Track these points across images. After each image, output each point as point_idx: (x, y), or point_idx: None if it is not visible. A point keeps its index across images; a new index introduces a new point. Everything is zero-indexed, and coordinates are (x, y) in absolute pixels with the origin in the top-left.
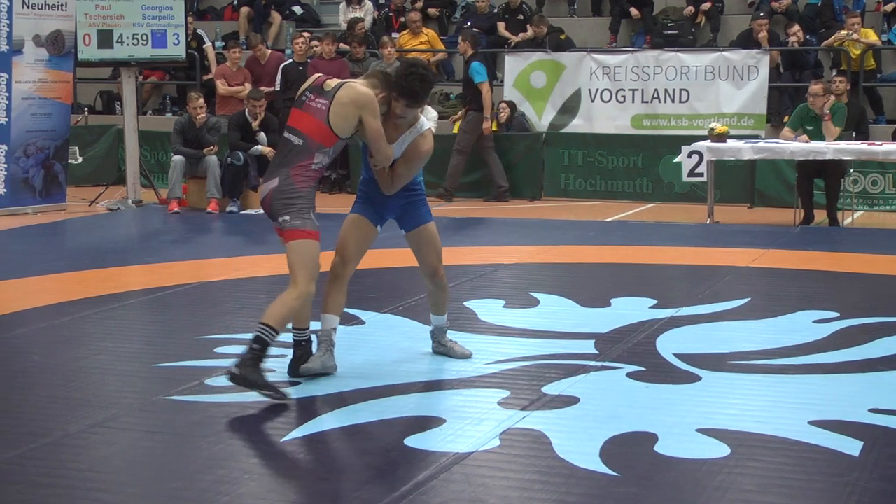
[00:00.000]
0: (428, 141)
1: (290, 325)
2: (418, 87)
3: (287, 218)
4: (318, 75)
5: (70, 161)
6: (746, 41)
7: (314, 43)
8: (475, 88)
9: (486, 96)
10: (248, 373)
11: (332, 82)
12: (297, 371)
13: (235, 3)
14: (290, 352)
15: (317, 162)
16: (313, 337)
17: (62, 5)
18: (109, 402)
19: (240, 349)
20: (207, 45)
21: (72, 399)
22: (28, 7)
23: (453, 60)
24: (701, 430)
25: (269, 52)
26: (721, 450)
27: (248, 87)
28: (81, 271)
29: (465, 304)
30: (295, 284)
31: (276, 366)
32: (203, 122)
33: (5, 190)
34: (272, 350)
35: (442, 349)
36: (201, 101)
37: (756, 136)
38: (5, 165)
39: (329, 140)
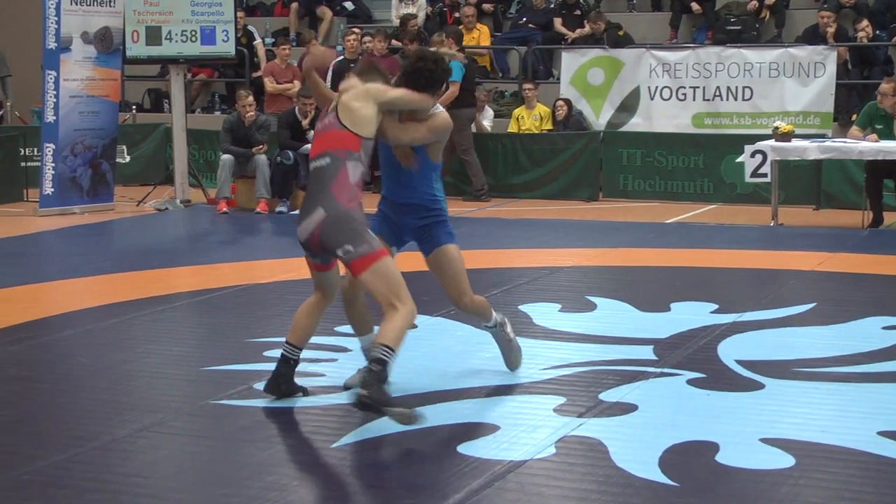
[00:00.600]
0: (443, 115)
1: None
2: (424, 83)
3: (350, 248)
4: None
5: (118, 160)
6: (813, 37)
7: (366, 39)
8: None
9: (447, 96)
10: (376, 393)
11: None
12: (273, 387)
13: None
14: (340, 356)
15: (352, 174)
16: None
17: (110, 1)
18: (157, 405)
19: None
20: (258, 41)
21: (119, 403)
22: (76, 3)
23: (508, 57)
24: (764, 440)
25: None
26: (785, 460)
27: (297, 84)
28: (129, 272)
29: (519, 307)
30: (395, 307)
31: (328, 370)
32: (252, 121)
33: (53, 189)
34: (322, 354)
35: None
36: (250, 98)
37: (822, 136)
38: (53, 165)
39: (352, 143)
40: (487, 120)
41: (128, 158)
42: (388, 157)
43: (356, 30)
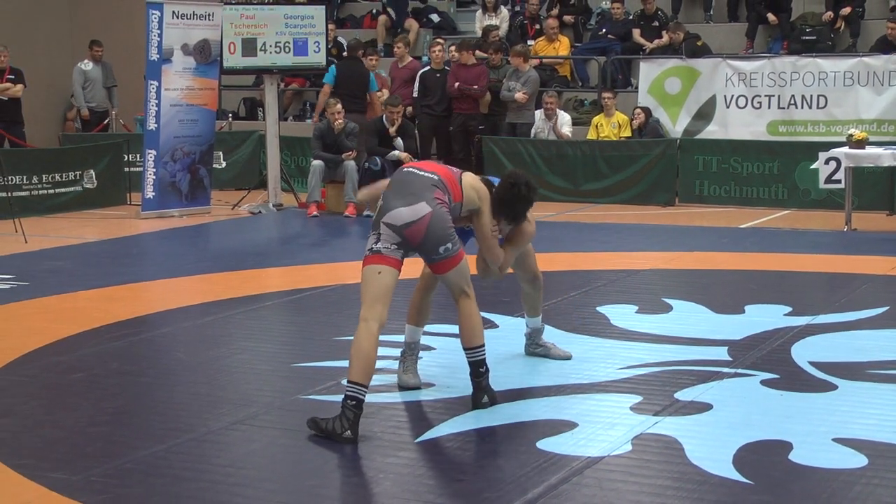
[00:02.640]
0: (531, 223)
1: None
2: (519, 210)
3: (449, 246)
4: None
5: (214, 166)
6: (886, 46)
7: (451, 48)
8: None
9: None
10: (495, 396)
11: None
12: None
13: (374, 11)
14: (424, 354)
15: (447, 200)
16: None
17: (209, 15)
18: (250, 400)
19: None
20: (346, 53)
21: (214, 396)
22: (178, 17)
23: (588, 67)
24: (837, 440)
25: (409, 57)
26: (858, 460)
27: (385, 93)
28: (224, 273)
29: (597, 309)
30: (468, 294)
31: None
32: (341, 128)
33: (154, 193)
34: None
35: (540, 350)
36: (339, 106)
37: None
38: (154, 170)
39: (457, 194)
40: (567, 127)
41: (224, 164)
42: None
43: (440, 40)
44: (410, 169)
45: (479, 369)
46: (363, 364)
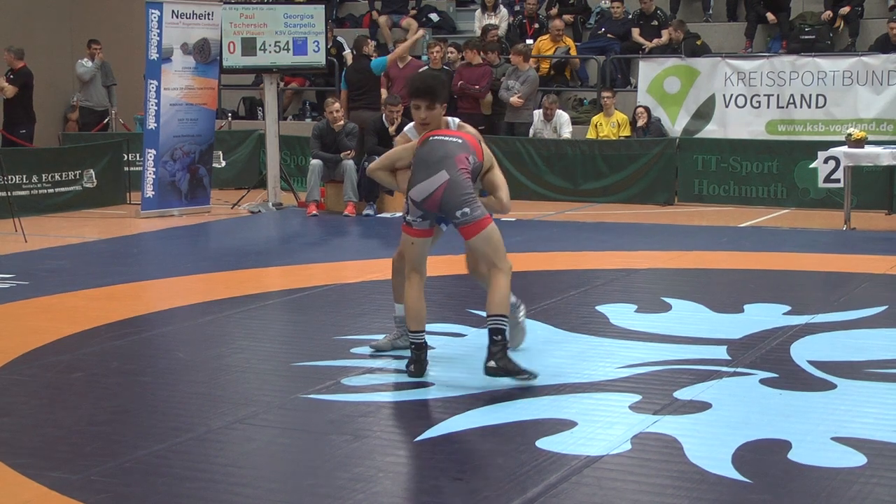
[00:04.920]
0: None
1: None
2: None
3: (467, 211)
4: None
5: (214, 165)
6: (886, 45)
7: (449, 50)
8: None
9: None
10: (505, 363)
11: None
12: (420, 370)
13: (376, 13)
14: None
15: (470, 162)
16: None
17: (209, 14)
18: (250, 399)
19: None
20: (347, 52)
21: (214, 396)
22: (177, 17)
23: (587, 66)
24: (836, 439)
25: (409, 56)
26: (857, 459)
27: (384, 92)
28: (223, 272)
29: (597, 308)
30: (499, 266)
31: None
32: (341, 127)
33: (153, 193)
34: (405, 353)
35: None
36: (337, 105)
37: (895, 142)
38: (154, 169)
39: (480, 154)
40: (566, 126)
41: (224, 163)
42: None
43: (441, 43)
44: (436, 137)
45: (493, 336)
46: (414, 315)
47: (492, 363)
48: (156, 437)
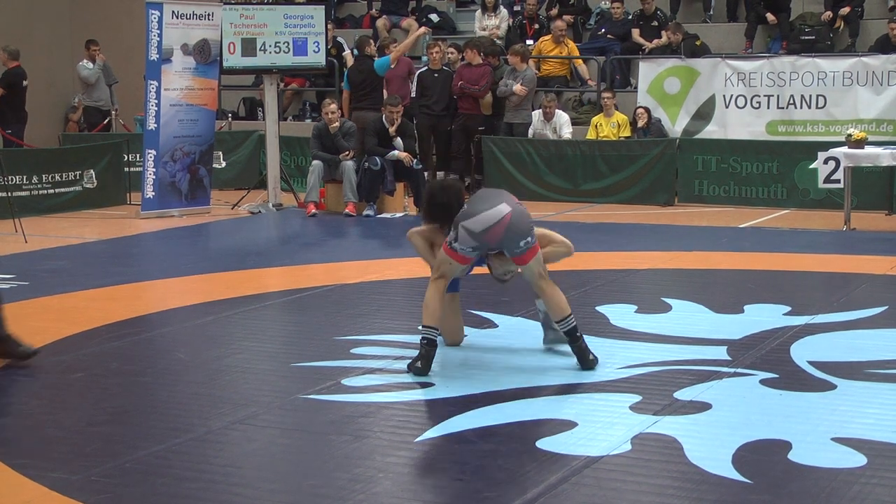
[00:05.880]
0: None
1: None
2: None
3: (530, 239)
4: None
5: (214, 165)
6: (886, 46)
7: (449, 50)
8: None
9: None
10: (588, 356)
11: None
12: (426, 368)
13: (374, 12)
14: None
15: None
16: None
17: (209, 15)
18: (249, 399)
19: (376, 350)
20: (347, 52)
21: (214, 396)
22: (177, 17)
23: (587, 66)
24: (836, 439)
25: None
26: (857, 459)
27: (385, 92)
28: (223, 272)
29: (596, 308)
30: (544, 278)
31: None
32: (336, 129)
33: (154, 193)
34: (410, 353)
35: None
36: (333, 106)
37: (895, 143)
38: (154, 170)
39: None
40: (566, 127)
41: (224, 164)
42: None
43: (440, 43)
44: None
45: (574, 335)
46: (432, 311)
47: (591, 356)
48: (156, 438)
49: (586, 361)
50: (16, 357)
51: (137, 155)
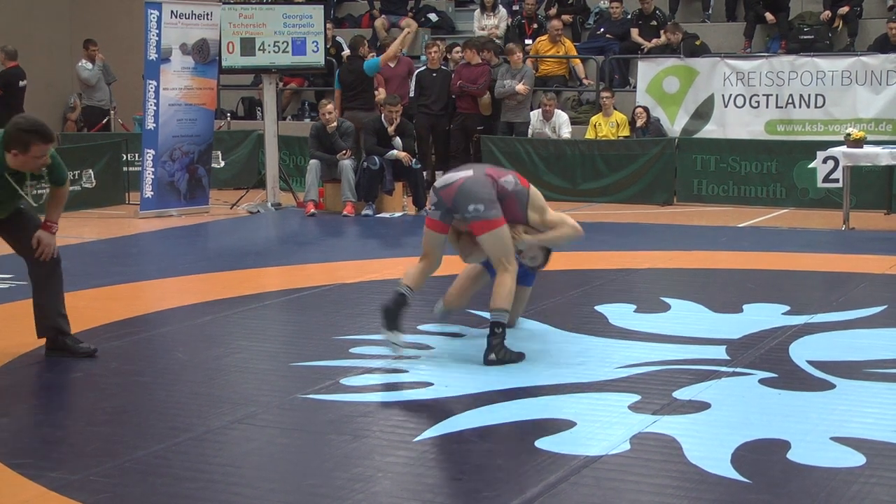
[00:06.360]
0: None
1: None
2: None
3: (480, 207)
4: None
5: (213, 165)
6: (885, 45)
7: (455, 49)
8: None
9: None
10: (503, 355)
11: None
12: (392, 322)
13: (375, 11)
14: (423, 353)
15: (506, 182)
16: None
17: (208, 15)
18: (249, 399)
19: (374, 349)
20: (346, 51)
21: (213, 396)
22: (176, 17)
23: (586, 67)
24: (835, 439)
25: (400, 55)
26: (856, 459)
27: (382, 91)
28: (222, 272)
29: (595, 308)
30: (506, 267)
31: (410, 366)
32: (334, 129)
33: (152, 193)
34: (405, 352)
35: None
36: (330, 106)
37: (894, 142)
38: (153, 169)
39: (525, 183)
40: (566, 126)
41: (223, 164)
42: None
43: (439, 42)
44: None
45: (494, 329)
46: (411, 274)
47: (492, 356)
48: (155, 438)
49: (485, 356)
50: (73, 354)
51: (136, 154)
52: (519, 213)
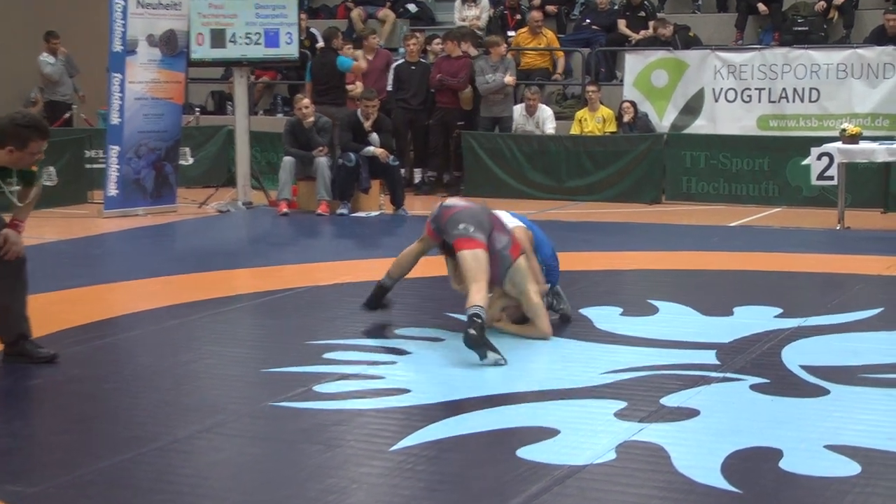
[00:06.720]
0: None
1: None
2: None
3: (471, 228)
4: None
5: (181, 162)
6: (881, 37)
7: (436, 41)
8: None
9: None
10: (482, 335)
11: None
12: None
13: (350, 3)
14: (399, 359)
15: (500, 241)
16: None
17: (176, 4)
18: (217, 407)
19: (349, 355)
20: (321, 44)
21: (180, 404)
22: (142, 7)
23: (571, 60)
24: (829, 447)
25: (377, 47)
26: (851, 468)
27: (358, 85)
28: (190, 274)
29: (581, 311)
30: (476, 283)
31: (387, 373)
32: (311, 124)
33: (117, 191)
34: (382, 357)
35: None
36: (306, 101)
37: (891, 138)
38: (118, 166)
39: (515, 251)
40: (550, 122)
41: (191, 160)
42: None
43: (418, 34)
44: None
45: (472, 318)
46: (396, 262)
47: (471, 331)
48: (119, 448)
49: (467, 329)
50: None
51: (100, 151)
52: (496, 274)
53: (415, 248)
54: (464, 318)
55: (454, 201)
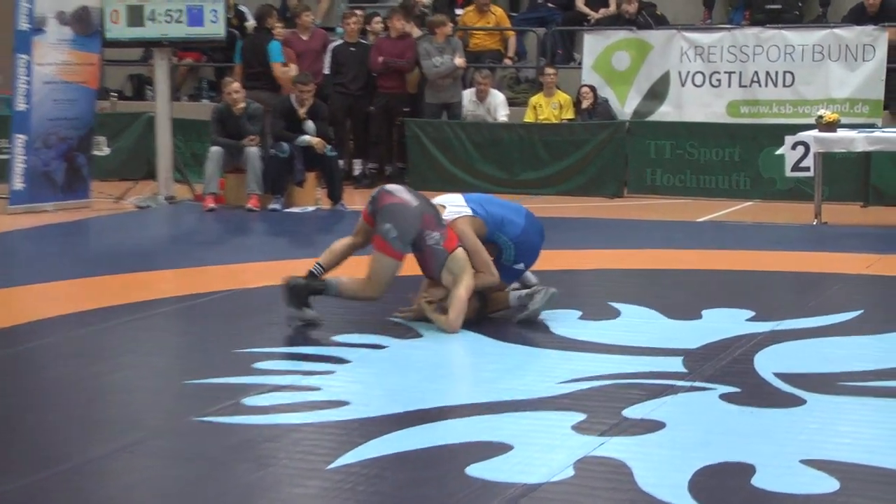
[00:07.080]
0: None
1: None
2: None
3: (393, 231)
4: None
5: (95, 153)
6: (860, 16)
7: (375, 20)
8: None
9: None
10: (307, 289)
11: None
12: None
13: None
14: (338, 367)
15: (432, 237)
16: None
17: None
18: (135, 423)
19: (281, 364)
20: (250, 22)
21: (93, 420)
22: None
23: (525, 41)
24: (805, 461)
25: (313, 26)
26: (829, 484)
27: (293, 68)
28: (105, 276)
29: None
30: (367, 281)
31: (324, 383)
32: (242, 111)
33: (24, 185)
34: (319, 367)
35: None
36: (236, 85)
37: (871, 125)
38: (24, 157)
39: (450, 243)
40: (502, 108)
41: (107, 151)
42: None
43: (358, 11)
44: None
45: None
46: (328, 252)
47: (296, 279)
48: (22, 471)
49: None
50: None
51: (4, 140)
52: (433, 269)
53: (350, 239)
54: (408, 324)
55: (396, 190)
